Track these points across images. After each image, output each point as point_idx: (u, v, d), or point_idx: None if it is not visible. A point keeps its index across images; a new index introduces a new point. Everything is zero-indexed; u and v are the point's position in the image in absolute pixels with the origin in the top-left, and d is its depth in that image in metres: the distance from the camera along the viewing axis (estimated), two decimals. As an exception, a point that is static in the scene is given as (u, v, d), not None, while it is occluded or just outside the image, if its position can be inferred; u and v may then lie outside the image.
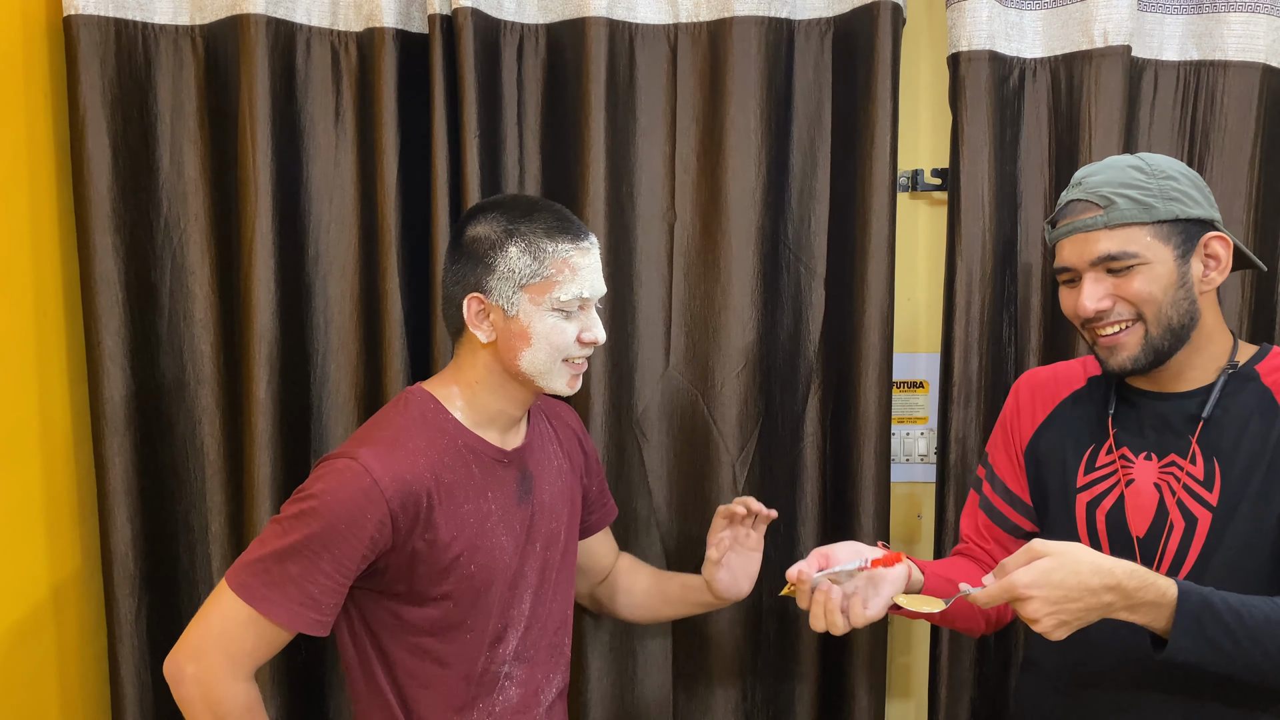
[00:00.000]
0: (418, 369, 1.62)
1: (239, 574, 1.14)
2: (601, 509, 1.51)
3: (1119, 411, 1.25)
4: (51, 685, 1.58)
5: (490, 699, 1.26)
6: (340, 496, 1.12)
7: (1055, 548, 1.03)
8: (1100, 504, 1.23)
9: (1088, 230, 1.16)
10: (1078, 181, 1.20)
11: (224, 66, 1.61)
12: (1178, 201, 1.15)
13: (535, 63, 1.64)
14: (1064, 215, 1.20)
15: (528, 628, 1.29)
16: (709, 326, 1.65)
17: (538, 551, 1.29)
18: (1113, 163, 1.19)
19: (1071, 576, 1.01)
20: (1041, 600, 1.00)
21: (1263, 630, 1.03)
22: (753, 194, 1.62)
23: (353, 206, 1.63)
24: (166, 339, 1.64)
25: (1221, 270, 1.17)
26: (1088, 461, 1.25)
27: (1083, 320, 1.19)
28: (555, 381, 1.23)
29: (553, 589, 1.33)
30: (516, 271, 1.19)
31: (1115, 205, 1.14)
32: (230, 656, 1.13)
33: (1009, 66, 1.62)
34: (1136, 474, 1.21)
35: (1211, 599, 1.04)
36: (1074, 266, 1.18)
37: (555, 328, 1.20)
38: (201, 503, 1.66)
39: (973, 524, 1.39)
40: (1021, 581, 1.00)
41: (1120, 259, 1.14)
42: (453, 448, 1.21)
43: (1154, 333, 1.16)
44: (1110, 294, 1.16)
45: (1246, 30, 1.58)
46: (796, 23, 1.63)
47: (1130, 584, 1.02)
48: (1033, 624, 1.02)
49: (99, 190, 1.56)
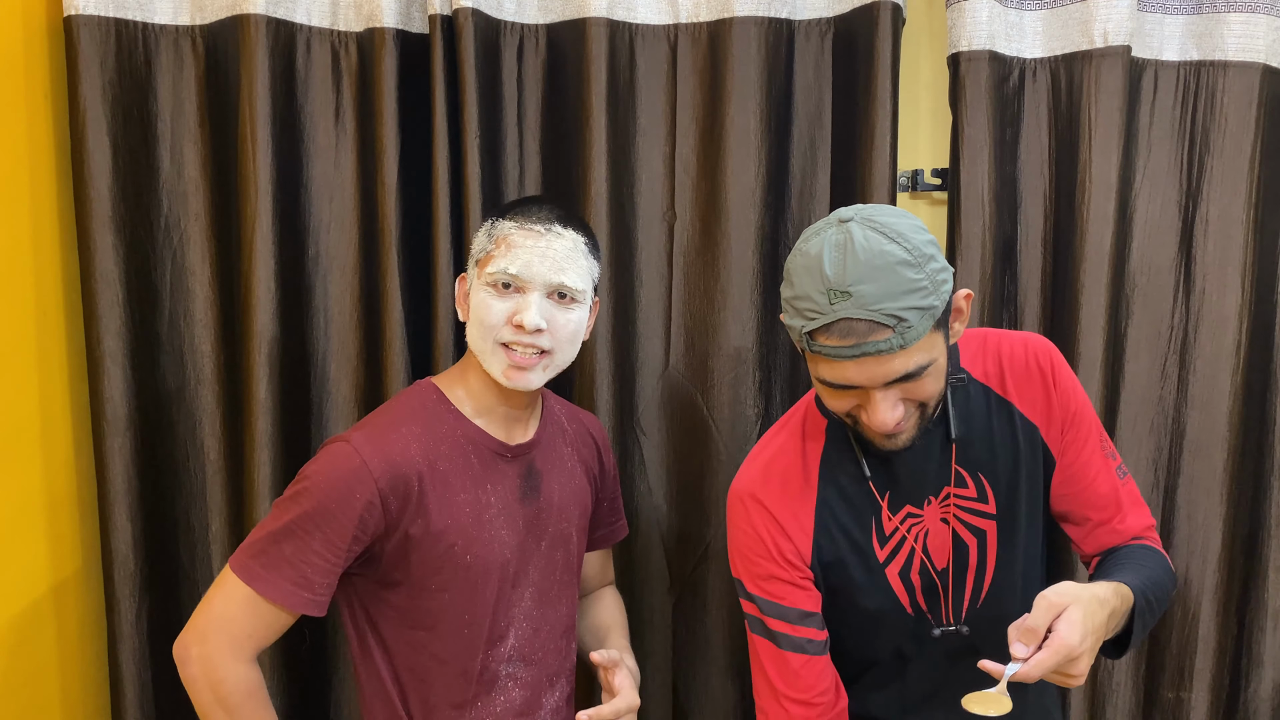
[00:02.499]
0: (418, 369, 1.62)
1: (240, 556, 1.17)
2: (609, 526, 1.50)
3: (874, 477, 1.19)
4: (51, 685, 1.58)
5: (490, 698, 1.26)
6: (330, 477, 1.14)
7: (1067, 594, 0.98)
8: (911, 566, 1.20)
9: (880, 354, 1.02)
10: (841, 289, 1.00)
11: (224, 66, 1.61)
12: (943, 284, 1.04)
13: (535, 63, 1.64)
14: (837, 333, 1.02)
15: (533, 629, 1.29)
16: (709, 326, 1.65)
17: (543, 550, 1.29)
18: (874, 259, 1.00)
19: (1093, 619, 0.98)
20: (1091, 651, 0.96)
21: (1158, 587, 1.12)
22: (753, 194, 1.62)
23: (353, 206, 1.64)
24: (167, 339, 1.64)
25: (964, 320, 1.13)
26: (878, 536, 1.19)
27: (872, 429, 1.10)
28: (492, 365, 1.20)
29: (559, 590, 1.32)
30: (477, 248, 1.25)
31: (907, 324, 1.01)
32: (232, 637, 1.15)
33: (1009, 66, 1.62)
34: (928, 524, 1.19)
35: (1145, 593, 1.08)
36: (864, 386, 1.05)
37: (483, 303, 1.20)
38: (202, 502, 1.66)
39: (807, 678, 1.20)
40: (1075, 640, 0.95)
41: (916, 374, 1.05)
42: (451, 437, 1.22)
43: (930, 413, 1.11)
44: (900, 399, 1.07)
45: (1246, 30, 1.58)
46: (796, 23, 1.63)
47: (1117, 603, 1.03)
48: (1072, 679, 0.97)
49: (99, 190, 1.56)
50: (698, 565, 1.68)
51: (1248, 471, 1.69)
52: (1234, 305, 1.63)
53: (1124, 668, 1.70)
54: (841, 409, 1.11)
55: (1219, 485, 1.65)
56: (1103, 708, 1.70)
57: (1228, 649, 1.70)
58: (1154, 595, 1.11)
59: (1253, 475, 1.69)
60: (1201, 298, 1.64)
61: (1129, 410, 1.67)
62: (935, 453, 1.19)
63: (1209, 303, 1.64)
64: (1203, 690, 1.69)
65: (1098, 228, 1.57)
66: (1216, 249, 1.63)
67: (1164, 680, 1.71)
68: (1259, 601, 1.69)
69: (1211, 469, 1.65)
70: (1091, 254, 1.58)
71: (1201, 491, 1.66)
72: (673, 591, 1.71)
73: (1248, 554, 1.70)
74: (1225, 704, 1.72)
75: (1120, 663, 1.69)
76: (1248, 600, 1.70)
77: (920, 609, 1.21)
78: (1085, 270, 1.58)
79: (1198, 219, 1.64)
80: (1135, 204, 1.65)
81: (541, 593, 1.29)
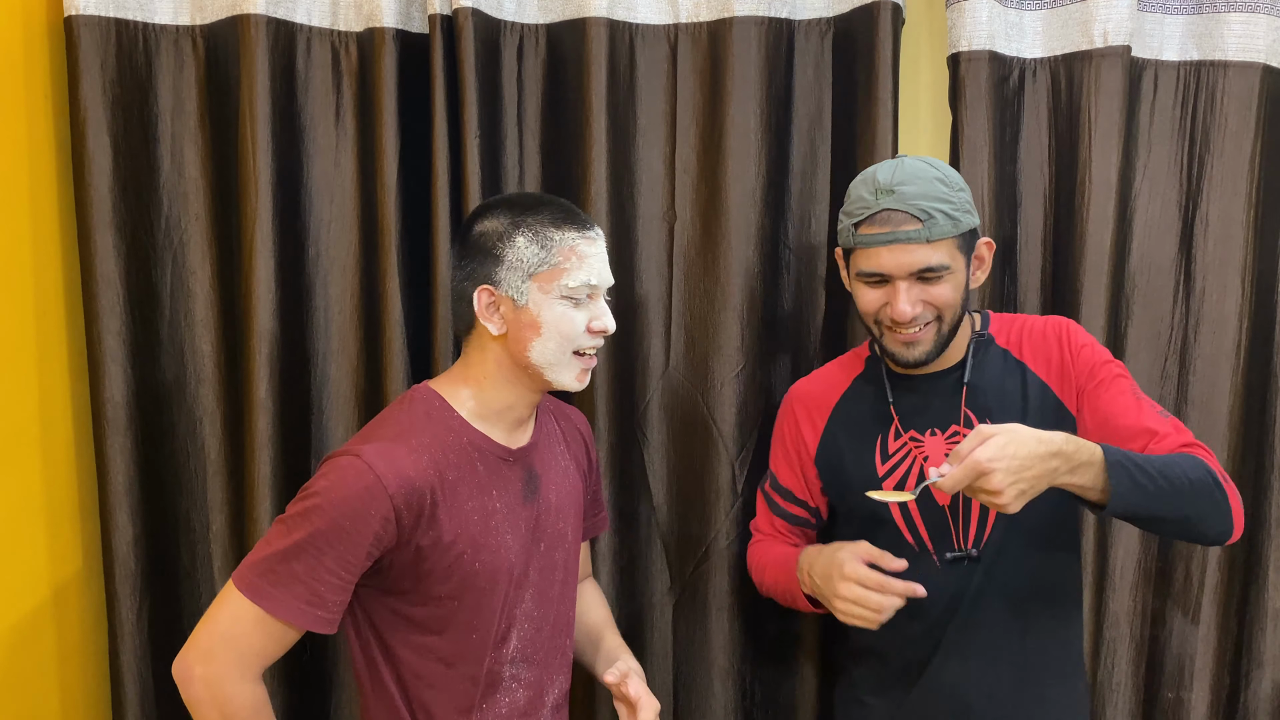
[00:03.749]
0: (418, 369, 1.62)
1: (245, 574, 1.14)
2: (592, 519, 1.49)
3: (896, 399, 1.38)
4: (52, 685, 1.58)
5: (495, 700, 1.25)
6: (343, 493, 1.12)
7: (1000, 426, 1.11)
8: (905, 485, 1.33)
9: (910, 242, 1.24)
10: (887, 187, 1.25)
11: (224, 66, 1.61)
12: (970, 214, 1.28)
13: (535, 63, 1.64)
14: (878, 222, 1.25)
15: (534, 628, 1.29)
16: (709, 326, 1.65)
17: (542, 551, 1.29)
18: (918, 172, 1.26)
19: (1023, 447, 1.08)
20: (1004, 471, 1.06)
21: (1169, 467, 1.14)
22: (753, 194, 1.62)
23: (353, 206, 1.64)
24: (167, 339, 1.64)
25: (985, 270, 1.34)
26: (881, 451, 1.36)
27: (891, 321, 1.28)
28: (564, 375, 1.22)
29: (558, 589, 1.32)
30: (525, 260, 1.20)
31: (935, 220, 1.23)
32: (239, 656, 1.13)
33: (1009, 66, 1.62)
34: (929, 450, 1.34)
35: (1126, 452, 1.14)
36: (891, 273, 1.26)
37: (564, 316, 1.20)
38: (202, 502, 1.66)
39: (767, 522, 1.53)
40: (984, 456, 1.07)
41: (937, 270, 1.25)
42: (457, 445, 1.21)
43: (945, 330, 1.30)
44: (920, 299, 1.26)
45: (1246, 30, 1.58)
46: (796, 23, 1.63)
47: (1069, 448, 1.11)
48: (994, 497, 1.08)
49: (99, 190, 1.56)
50: (698, 565, 1.68)
51: (1248, 471, 1.69)
52: (1234, 305, 1.63)
53: (1124, 668, 1.70)
54: (873, 307, 1.30)
55: (1219, 485, 1.65)
56: (1103, 708, 1.70)
57: (1228, 649, 1.71)
58: (1154, 468, 1.13)
59: (1253, 475, 1.69)
60: (1201, 298, 1.64)
61: (1129, 410, 1.67)
62: (948, 393, 1.35)
63: (1209, 303, 1.64)
64: (1203, 690, 1.69)
65: (1098, 228, 1.58)
66: (1216, 249, 1.63)
67: (1164, 680, 1.71)
68: (1259, 601, 1.69)
69: (1211, 469, 1.65)
70: (1091, 254, 1.58)
71: (1201, 491, 1.66)
72: (673, 592, 1.71)
73: (1248, 554, 1.70)
74: (1225, 704, 1.72)
75: (1120, 662, 1.69)
76: (1248, 600, 1.70)
77: (924, 544, 1.33)
78: (1085, 270, 1.58)
79: (1198, 219, 1.64)
80: (1135, 204, 1.65)
81: (541, 592, 1.29)
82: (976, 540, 1.31)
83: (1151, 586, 1.70)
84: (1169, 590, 1.69)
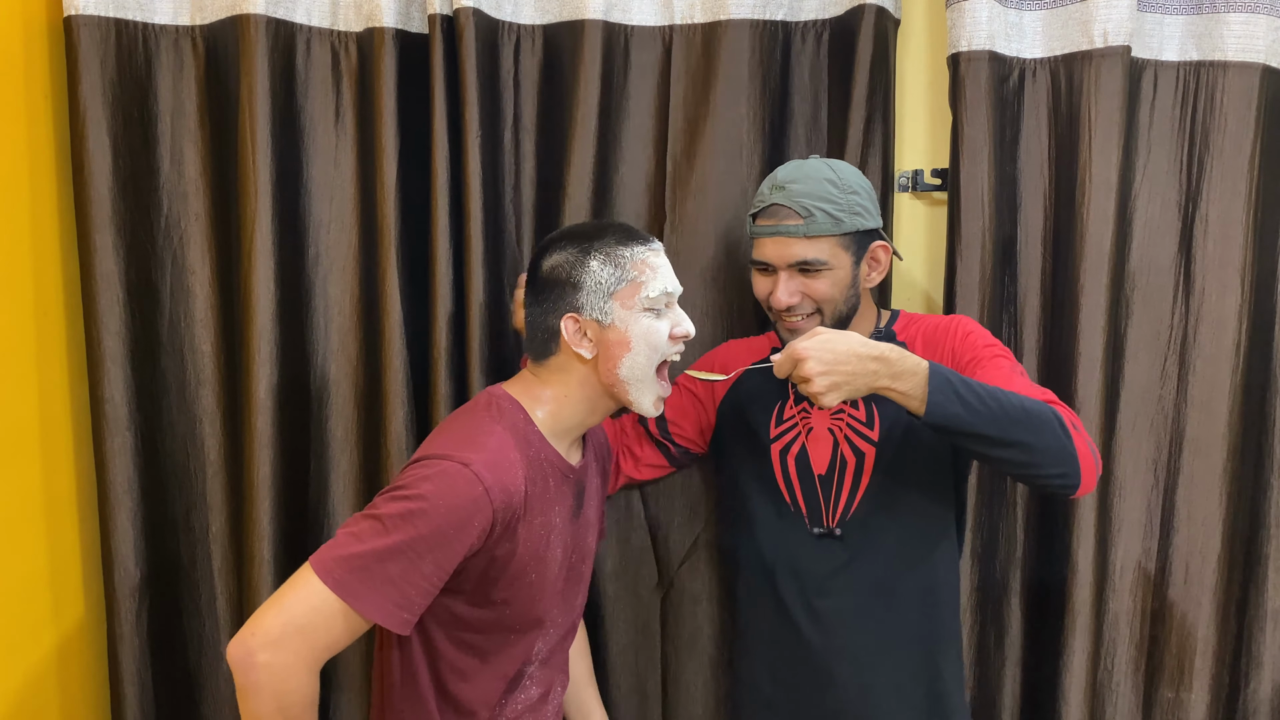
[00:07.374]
0: (417, 369, 1.62)
1: (333, 569, 1.09)
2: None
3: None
4: (51, 685, 1.59)
5: (514, 696, 1.28)
6: (452, 502, 1.10)
7: (833, 329, 1.21)
8: (790, 450, 1.43)
9: (789, 235, 1.35)
10: (780, 184, 1.37)
11: (224, 66, 1.61)
12: (859, 216, 1.37)
13: (531, 63, 1.64)
14: (767, 215, 1.37)
15: (557, 634, 1.32)
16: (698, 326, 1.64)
17: (573, 563, 1.32)
18: (811, 172, 1.37)
19: (843, 344, 1.17)
20: (816, 360, 1.15)
21: (1003, 394, 1.20)
22: (746, 195, 1.62)
23: (353, 206, 1.64)
24: (167, 339, 1.64)
25: (881, 271, 1.43)
26: (777, 416, 1.45)
27: (770, 307, 1.39)
28: (646, 396, 1.25)
29: (579, 600, 1.36)
30: (603, 282, 1.22)
31: (814, 218, 1.34)
32: (312, 648, 1.09)
33: (1009, 67, 1.62)
34: (815, 422, 1.43)
35: (957, 373, 1.21)
36: (774, 263, 1.37)
37: (650, 327, 1.23)
38: (202, 502, 1.66)
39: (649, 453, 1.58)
40: (800, 344, 1.17)
41: (813, 265, 1.35)
42: (537, 460, 1.22)
43: (827, 322, 1.38)
44: (799, 291, 1.36)
45: (1246, 30, 1.58)
46: (792, 25, 1.63)
47: (892, 355, 1.18)
48: (806, 385, 1.16)
49: (99, 190, 1.56)
50: (685, 560, 1.69)
51: (1248, 471, 1.69)
52: (1234, 305, 1.62)
53: (1124, 668, 1.70)
54: (763, 292, 1.41)
55: (1219, 485, 1.65)
56: (1103, 708, 1.70)
57: (1227, 649, 1.71)
58: (984, 390, 1.18)
59: (1253, 475, 1.69)
60: (1201, 298, 1.64)
61: (1129, 410, 1.67)
62: None
63: (1209, 303, 1.64)
64: (1202, 690, 1.69)
65: (1098, 228, 1.57)
66: (1216, 249, 1.63)
67: (1164, 680, 1.71)
68: (1259, 601, 1.69)
69: (1211, 469, 1.65)
70: (1091, 254, 1.58)
71: (1201, 491, 1.66)
72: (660, 586, 1.71)
73: (1247, 554, 1.70)
74: (1225, 704, 1.72)
75: (1120, 663, 1.69)
76: (1247, 600, 1.70)
77: (799, 507, 1.42)
78: (1085, 270, 1.58)
79: (1197, 219, 1.64)
80: (1135, 204, 1.65)
81: (567, 601, 1.32)
82: (843, 515, 1.39)
83: (1151, 586, 1.70)
84: (1169, 590, 1.69)
